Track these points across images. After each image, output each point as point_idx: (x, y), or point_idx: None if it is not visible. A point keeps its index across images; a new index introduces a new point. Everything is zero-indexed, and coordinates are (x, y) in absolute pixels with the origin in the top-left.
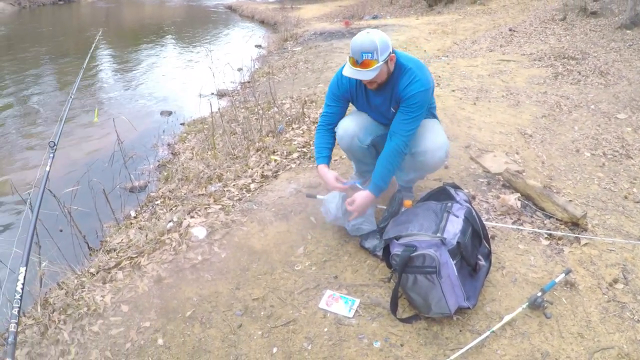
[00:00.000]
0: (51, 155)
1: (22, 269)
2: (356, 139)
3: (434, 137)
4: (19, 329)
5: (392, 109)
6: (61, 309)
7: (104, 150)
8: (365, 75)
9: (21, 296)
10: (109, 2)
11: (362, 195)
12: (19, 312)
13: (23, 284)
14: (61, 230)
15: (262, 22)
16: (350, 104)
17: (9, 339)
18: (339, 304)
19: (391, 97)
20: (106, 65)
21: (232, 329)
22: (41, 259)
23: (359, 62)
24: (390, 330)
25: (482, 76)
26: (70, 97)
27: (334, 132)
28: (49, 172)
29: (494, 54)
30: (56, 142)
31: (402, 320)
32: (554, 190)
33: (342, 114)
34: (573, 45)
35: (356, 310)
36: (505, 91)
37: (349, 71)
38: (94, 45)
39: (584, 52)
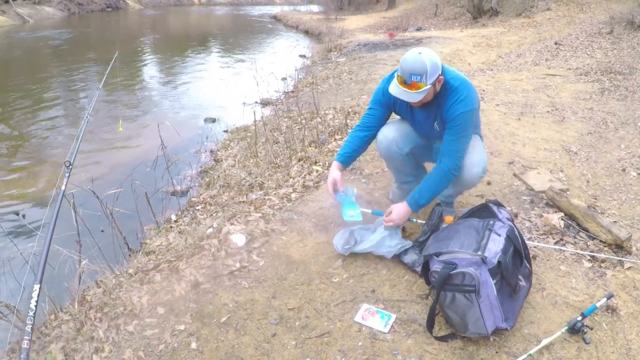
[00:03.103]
0: (67, 175)
1: (36, 287)
2: (394, 144)
3: (471, 153)
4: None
5: (435, 126)
6: (98, 307)
7: (147, 154)
8: (411, 97)
9: (34, 313)
10: (157, 9)
11: (399, 207)
12: (32, 329)
13: (37, 301)
14: (102, 231)
15: (307, 33)
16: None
17: (22, 356)
18: (375, 318)
19: (435, 115)
20: (153, 72)
21: (266, 338)
22: (81, 257)
23: (407, 83)
24: (425, 348)
25: (527, 90)
26: (87, 117)
27: (367, 137)
28: (64, 191)
29: (539, 67)
30: (72, 162)
31: (438, 339)
32: (599, 211)
33: (383, 119)
34: (620, 60)
35: (392, 326)
36: (550, 106)
37: (396, 90)
38: (111, 64)
39: (631, 66)
